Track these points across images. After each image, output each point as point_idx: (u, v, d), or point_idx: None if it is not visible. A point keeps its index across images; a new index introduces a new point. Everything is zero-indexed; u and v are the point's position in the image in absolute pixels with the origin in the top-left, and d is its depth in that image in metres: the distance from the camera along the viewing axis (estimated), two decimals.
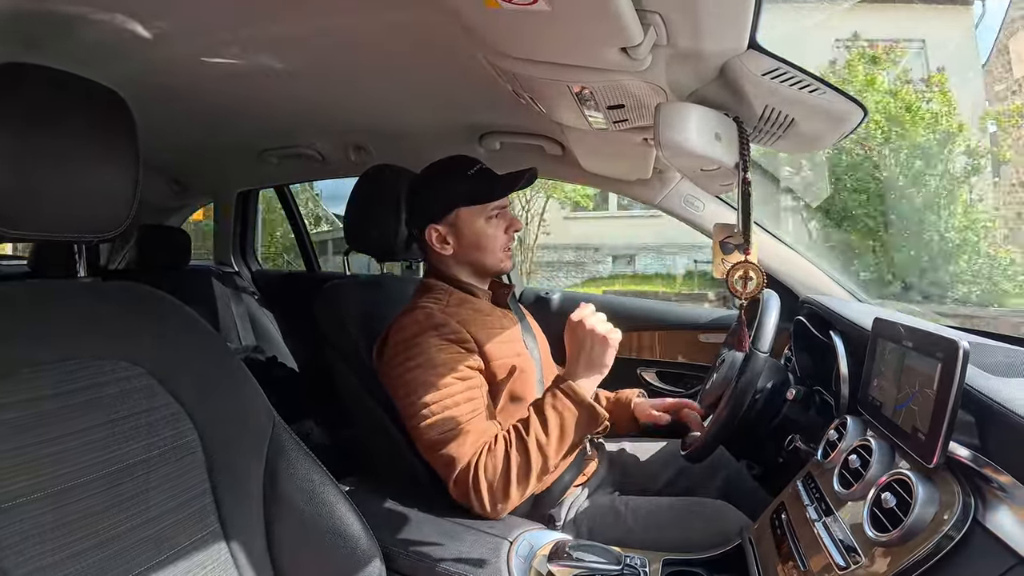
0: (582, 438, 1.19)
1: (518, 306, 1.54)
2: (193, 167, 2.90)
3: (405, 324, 1.26)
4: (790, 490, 1.13)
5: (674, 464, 1.55)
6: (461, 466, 1.14)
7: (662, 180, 1.96)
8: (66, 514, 0.70)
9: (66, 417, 0.73)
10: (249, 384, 0.95)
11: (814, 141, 1.21)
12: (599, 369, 1.19)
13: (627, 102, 1.16)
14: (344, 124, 2.08)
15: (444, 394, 1.18)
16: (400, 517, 1.18)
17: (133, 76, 1.39)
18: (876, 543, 0.79)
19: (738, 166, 1.10)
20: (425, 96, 1.68)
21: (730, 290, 1.12)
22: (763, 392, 1.30)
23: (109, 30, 1.23)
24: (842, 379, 1.20)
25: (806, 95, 1.03)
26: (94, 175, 0.80)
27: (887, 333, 1.01)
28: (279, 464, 0.92)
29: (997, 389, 0.79)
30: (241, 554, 0.86)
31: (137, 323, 0.85)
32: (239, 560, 0.85)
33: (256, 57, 1.42)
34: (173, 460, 0.81)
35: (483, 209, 1.33)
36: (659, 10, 0.83)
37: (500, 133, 1.95)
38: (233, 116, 1.98)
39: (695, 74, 1.06)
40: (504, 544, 1.08)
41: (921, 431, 0.81)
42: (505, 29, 0.93)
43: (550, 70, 1.04)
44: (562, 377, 1.20)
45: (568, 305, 2.42)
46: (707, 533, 1.25)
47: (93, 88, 0.81)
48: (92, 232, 0.82)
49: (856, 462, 0.94)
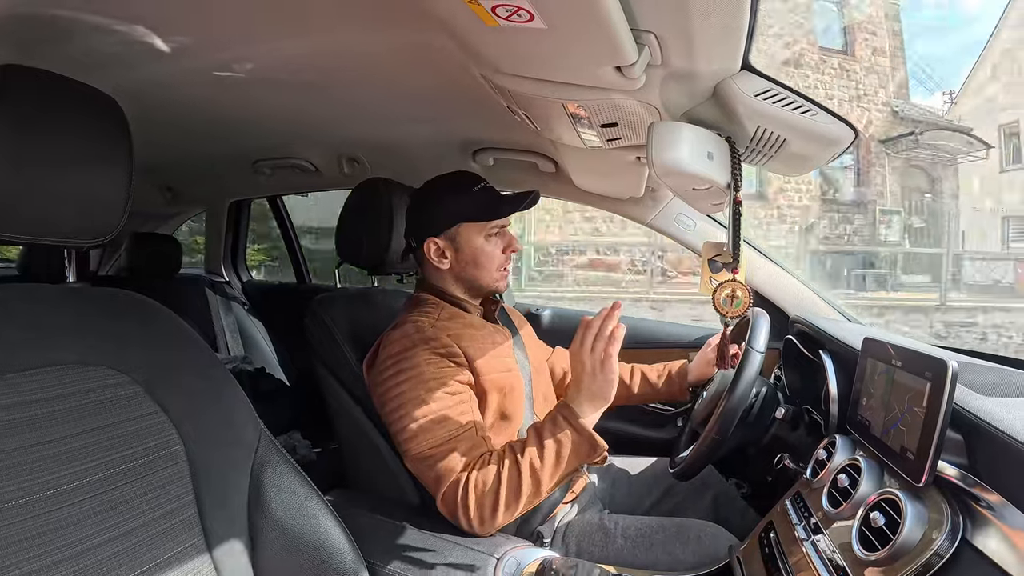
0: (579, 466, 1.18)
1: (510, 320, 1.54)
2: (186, 175, 2.89)
3: (396, 338, 1.26)
4: (779, 509, 1.13)
5: (663, 482, 1.55)
6: (449, 482, 1.13)
7: (654, 199, 1.97)
8: (48, 522, 0.69)
9: (50, 423, 0.72)
10: (236, 395, 0.94)
11: (805, 162, 1.22)
12: (602, 401, 1.15)
13: (621, 120, 1.17)
14: (338, 136, 2.09)
15: (434, 408, 1.17)
16: (386, 531, 1.17)
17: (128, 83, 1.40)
18: (865, 562, 0.79)
19: (730, 186, 1.10)
20: (420, 111, 1.68)
21: (715, 308, 1.12)
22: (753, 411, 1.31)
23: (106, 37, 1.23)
24: (831, 398, 1.20)
25: (798, 116, 1.04)
26: (87, 180, 0.79)
27: (876, 353, 1.01)
28: (264, 476, 0.91)
29: (986, 408, 0.80)
30: (224, 566, 0.84)
31: (125, 330, 0.85)
32: (222, 572, 0.84)
33: (253, 70, 1.42)
34: (158, 470, 0.80)
35: (484, 227, 1.33)
36: (654, 30, 0.84)
37: (494, 149, 1.96)
38: (228, 126, 1.98)
39: (688, 94, 1.07)
40: (491, 561, 1.07)
41: (910, 450, 0.81)
42: (502, 46, 0.93)
43: (545, 87, 1.05)
44: (565, 403, 1.17)
45: (558, 322, 2.42)
46: (696, 553, 1.25)
47: (88, 92, 0.81)
48: (83, 237, 0.82)
49: (845, 481, 0.94)
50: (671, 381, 1.67)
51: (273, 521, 0.90)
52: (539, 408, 1.41)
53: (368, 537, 1.11)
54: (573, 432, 1.13)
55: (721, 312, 1.13)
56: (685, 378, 1.65)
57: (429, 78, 1.39)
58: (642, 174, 1.66)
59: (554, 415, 1.16)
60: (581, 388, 1.14)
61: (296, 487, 0.93)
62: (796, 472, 1.20)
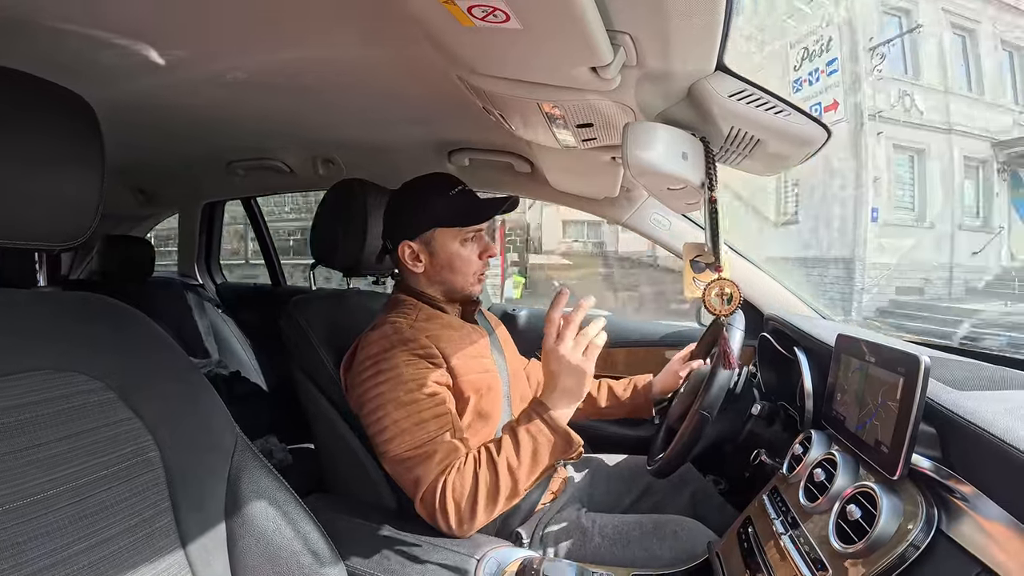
0: (555, 463, 1.18)
1: (485, 319, 1.54)
2: (158, 177, 2.85)
3: (373, 339, 1.25)
4: (756, 504, 1.14)
5: (642, 480, 1.56)
6: (428, 484, 1.12)
7: (629, 199, 1.98)
8: (24, 531, 0.68)
9: (24, 431, 0.71)
10: (212, 399, 0.93)
11: (780, 161, 1.23)
12: (576, 398, 1.15)
13: (596, 121, 1.17)
14: (313, 137, 2.07)
15: (412, 410, 1.17)
16: (365, 535, 1.17)
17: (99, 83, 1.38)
18: (842, 555, 0.80)
19: (704, 185, 1.11)
20: (395, 111, 1.68)
21: (707, 308, 1.13)
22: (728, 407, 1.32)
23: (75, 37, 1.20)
24: (806, 394, 1.22)
25: (772, 117, 1.05)
26: (58, 181, 0.77)
27: (850, 349, 1.03)
28: (241, 481, 0.90)
29: (958, 402, 0.81)
30: (202, 572, 0.83)
31: (98, 335, 0.83)
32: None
33: (227, 72, 1.40)
34: (134, 476, 0.79)
35: (459, 232, 1.33)
36: (629, 31, 0.84)
37: (469, 150, 1.96)
38: (200, 127, 1.95)
39: (663, 94, 1.07)
40: (471, 562, 1.07)
41: (884, 444, 0.83)
42: (477, 47, 0.93)
43: (520, 88, 1.05)
44: (539, 400, 1.17)
45: (535, 322, 2.42)
46: (675, 549, 1.26)
47: (59, 93, 0.79)
48: (54, 240, 0.80)
49: (821, 475, 0.95)
50: (636, 394, 1.67)
51: (251, 526, 0.89)
52: (517, 408, 1.41)
53: (347, 541, 1.11)
54: (549, 429, 1.13)
55: (715, 312, 1.14)
56: (650, 391, 1.65)
57: (404, 79, 1.38)
58: (617, 174, 1.66)
59: (528, 413, 1.16)
60: (556, 385, 1.14)
61: (274, 491, 0.92)
62: (773, 467, 1.21)
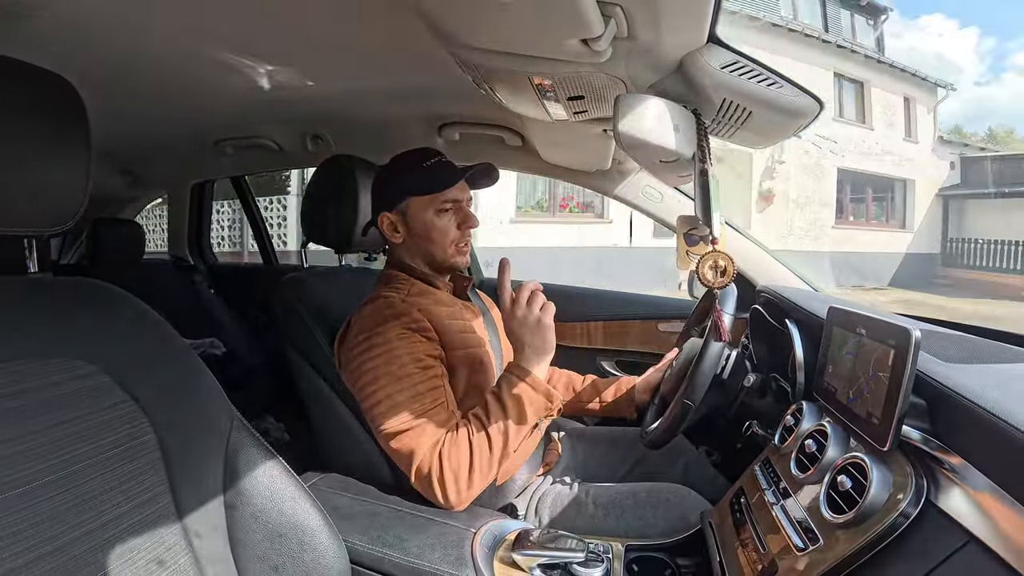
0: (538, 420, 1.20)
1: (479, 298, 1.54)
2: (145, 158, 2.82)
3: (367, 314, 1.25)
4: (748, 475, 1.15)
5: (635, 451, 1.57)
6: (422, 456, 1.13)
7: (621, 171, 1.98)
8: (21, 519, 0.67)
9: (18, 418, 0.70)
10: (206, 380, 0.93)
11: (772, 134, 1.23)
12: (545, 353, 1.18)
13: (587, 93, 1.16)
14: (302, 114, 2.05)
15: (405, 384, 1.17)
16: (362, 511, 1.17)
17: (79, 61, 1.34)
18: (833, 524, 0.81)
19: (695, 157, 1.11)
20: (385, 86, 1.66)
21: (701, 280, 1.13)
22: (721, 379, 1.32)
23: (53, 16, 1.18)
24: (798, 366, 1.22)
25: (764, 89, 1.04)
26: (44, 166, 0.76)
27: (841, 321, 1.03)
28: (239, 461, 0.90)
29: (948, 375, 0.81)
30: (202, 553, 0.84)
31: (90, 319, 0.82)
32: (200, 559, 0.84)
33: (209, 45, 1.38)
34: (130, 460, 0.79)
35: (433, 200, 1.32)
36: (620, 2, 0.84)
37: (460, 124, 1.94)
38: (186, 104, 1.93)
39: (655, 66, 1.06)
40: (468, 534, 1.08)
41: (875, 416, 0.83)
42: (467, 19, 0.92)
43: (511, 60, 1.04)
44: (514, 363, 1.19)
45: None
46: (668, 518, 1.27)
47: (39, 74, 0.77)
48: (42, 225, 0.79)
49: (812, 446, 0.96)
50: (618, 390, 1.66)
51: (249, 506, 0.89)
52: None
53: (345, 517, 1.12)
54: (528, 387, 1.16)
55: (709, 284, 1.14)
56: (633, 392, 1.65)
57: (394, 53, 1.37)
58: (608, 147, 1.66)
59: (507, 375, 1.18)
60: (525, 345, 1.17)
61: (271, 470, 0.93)
62: (764, 439, 1.21)
